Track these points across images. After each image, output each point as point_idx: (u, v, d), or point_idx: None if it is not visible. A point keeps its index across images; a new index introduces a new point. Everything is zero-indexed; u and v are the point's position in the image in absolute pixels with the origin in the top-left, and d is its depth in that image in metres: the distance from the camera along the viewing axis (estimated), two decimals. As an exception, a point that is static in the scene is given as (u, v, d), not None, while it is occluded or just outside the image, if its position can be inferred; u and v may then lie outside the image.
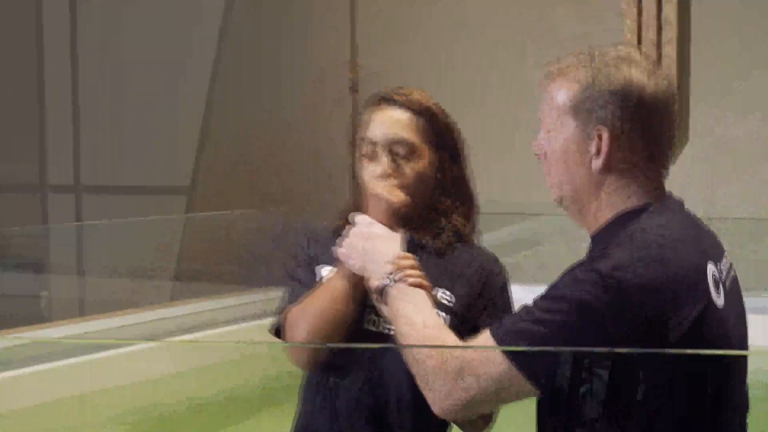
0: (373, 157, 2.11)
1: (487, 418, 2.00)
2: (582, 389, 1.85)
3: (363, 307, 2.04)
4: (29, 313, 6.13)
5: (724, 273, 1.89)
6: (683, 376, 1.79)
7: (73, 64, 8.23)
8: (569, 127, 1.86)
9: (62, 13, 8.26)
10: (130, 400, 4.32)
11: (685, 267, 1.77)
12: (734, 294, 1.92)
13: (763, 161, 5.72)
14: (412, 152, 2.13)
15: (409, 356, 1.81)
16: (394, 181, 2.08)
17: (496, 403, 1.85)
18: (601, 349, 1.73)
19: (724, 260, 1.92)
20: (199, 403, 4.37)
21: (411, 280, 1.93)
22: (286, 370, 5.04)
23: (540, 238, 6.13)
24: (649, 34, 5.83)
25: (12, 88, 8.44)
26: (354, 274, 2.01)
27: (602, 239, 1.84)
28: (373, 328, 2.06)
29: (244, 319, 5.28)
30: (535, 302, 1.76)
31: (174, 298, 6.05)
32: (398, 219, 2.05)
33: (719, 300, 1.82)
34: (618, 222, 1.84)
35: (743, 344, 1.98)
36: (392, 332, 1.96)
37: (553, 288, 1.76)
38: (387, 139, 2.11)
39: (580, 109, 1.84)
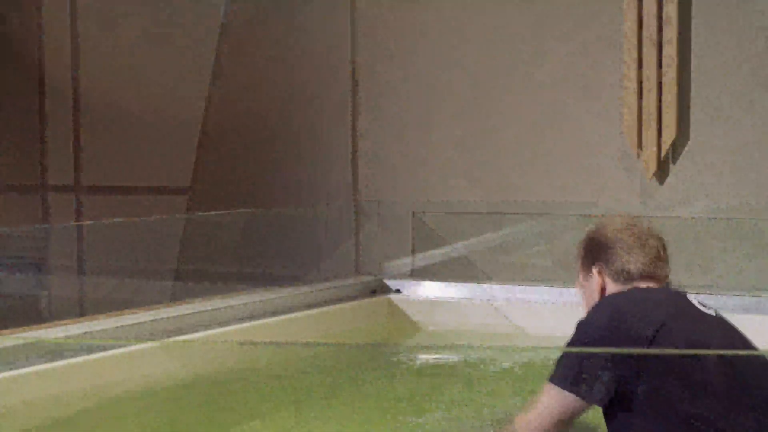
0: None
1: None
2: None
3: None
4: (29, 313, 6.13)
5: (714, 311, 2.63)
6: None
7: (73, 63, 8.23)
8: (583, 280, 2.80)
9: (62, 13, 8.26)
10: (129, 399, 4.31)
11: (656, 294, 2.62)
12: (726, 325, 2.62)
13: (764, 161, 5.72)
14: None
15: None
16: None
17: (562, 421, 2.51)
18: (610, 350, 2.37)
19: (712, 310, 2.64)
20: (199, 403, 4.37)
21: None
22: (285, 370, 5.03)
23: (539, 239, 6.13)
24: (650, 34, 5.83)
25: (12, 87, 8.44)
26: None
27: None
28: None
29: (244, 319, 5.28)
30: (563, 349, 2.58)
31: (174, 298, 6.05)
32: None
33: (708, 311, 2.58)
34: None
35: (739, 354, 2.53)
36: None
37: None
38: None
39: (583, 266, 2.80)
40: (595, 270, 2.74)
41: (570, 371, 2.49)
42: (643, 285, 2.67)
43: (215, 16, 7.49)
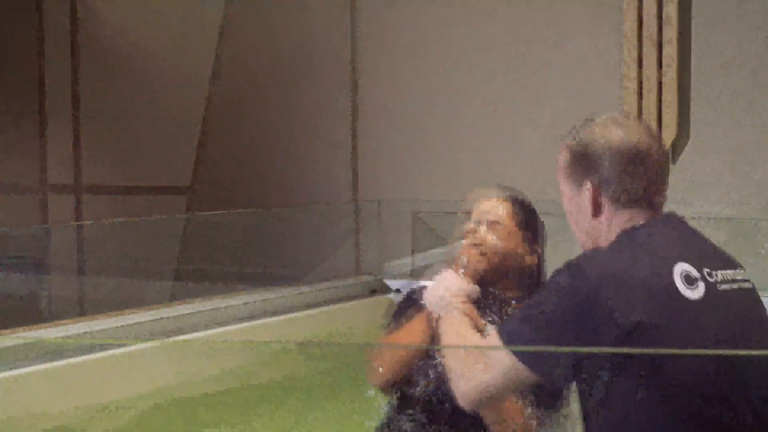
0: (474, 231, 2.90)
1: None
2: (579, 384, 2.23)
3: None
4: (29, 313, 6.12)
5: (717, 277, 2.25)
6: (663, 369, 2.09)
7: (73, 63, 8.23)
8: (567, 187, 2.37)
9: (63, 12, 8.26)
10: (129, 399, 4.31)
11: (640, 267, 2.15)
12: (733, 297, 2.25)
13: (764, 161, 5.72)
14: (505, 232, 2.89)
15: (445, 364, 2.32)
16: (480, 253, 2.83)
17: (507, 391, 2.26)
18: (594, 349, 2.10)
19: (728, 270, 2.32)
20: (198, 403, 4.37)
21: (456, 308, 2.55)
22: (285, 370, 5.04)
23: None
24: (650, 34, 5.82)
25: (12, 87, 8.44)
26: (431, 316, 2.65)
27: None
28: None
29: (244, 319, 5.28)
30: (527, 303, 2.24)
31: (174, 298, 6.04)
32: (480, 278, 2.77)
33: (693, 293, 2.16)
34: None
35: (737, 339, 2.20)
36: None
37: (538, 293, 2.25)
38: (488, 219, 2.93)
39: (572, 171, 2.34)
40: (587, 186, 2.31)
41: (535, 343, 2.14)
42: (638, 218, 2.27)
43: (215, 16, 7.49)
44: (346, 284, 6.25)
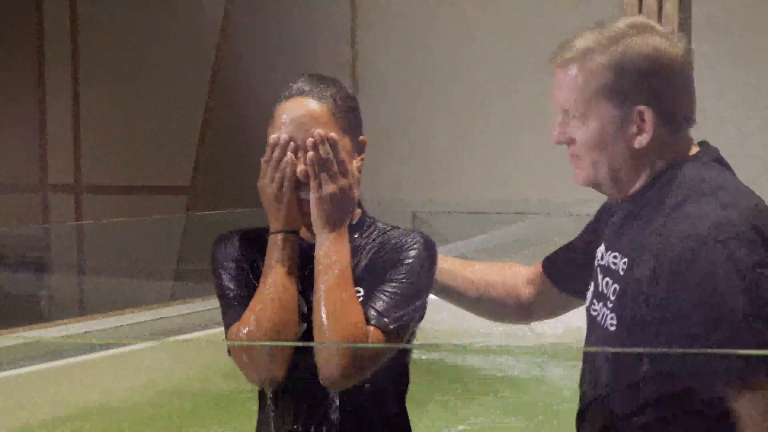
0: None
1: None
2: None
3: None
4: (29, 312, 6.12)
5: None
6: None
7: (73, 63, 8.23)
8: (604, 111, 1.84)
9: (63, 13, 8.26)
10: (129, 399, 4.31)
11: (761, 206, 1.84)
12: None
13: (765, 162, 5.72)
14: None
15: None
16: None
17: None
18: (596, 349, 1.81)
19: None
20: (199, 404, 4.37)
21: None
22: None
23: (539, 238, 6.13)
24: (650, 34, 5.83)
25: (12, 87, 8.44)
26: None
27: (648, 196, 1.86)
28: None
29: (244, 319, 5.27)
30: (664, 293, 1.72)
31: (174, 298, 6.04)
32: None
33: None
34: (666, 177, 1.84)
35: None
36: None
37: (676, 266, 1.70)
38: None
39: (614, 91, 1.82)
40: (640, 111, 1.80)
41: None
42: (687, 144, 1.92)
43: (215, 15, 7.49)
44: (346, 284, 6.23)
